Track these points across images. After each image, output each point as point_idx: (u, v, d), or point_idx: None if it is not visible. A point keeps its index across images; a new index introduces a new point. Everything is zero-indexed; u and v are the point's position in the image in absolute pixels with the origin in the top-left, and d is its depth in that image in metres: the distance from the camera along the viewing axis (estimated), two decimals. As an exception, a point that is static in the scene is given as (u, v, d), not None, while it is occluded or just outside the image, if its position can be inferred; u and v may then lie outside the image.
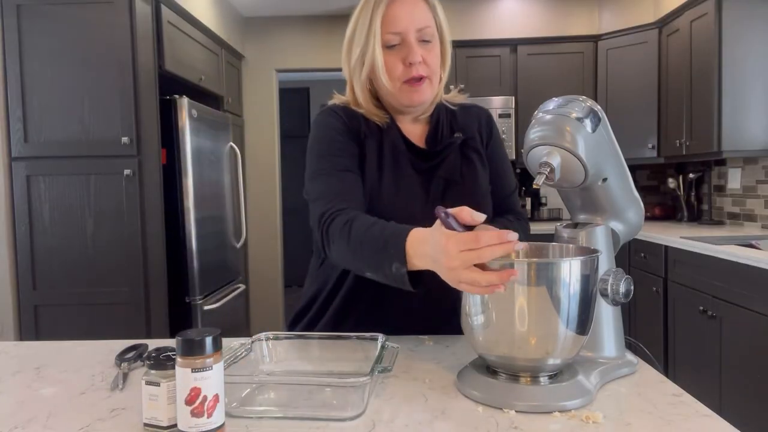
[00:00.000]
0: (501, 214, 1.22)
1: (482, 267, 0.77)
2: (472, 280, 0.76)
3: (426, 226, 0.88)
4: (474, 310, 0.82)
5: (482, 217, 0.79)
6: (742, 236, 2.88)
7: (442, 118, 1.20)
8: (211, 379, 0.69)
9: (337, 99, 1.22)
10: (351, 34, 1.13)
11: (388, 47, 1.09)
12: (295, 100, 6.46)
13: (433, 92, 1.14)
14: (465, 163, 1.18)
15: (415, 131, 1.19)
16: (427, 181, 1.14)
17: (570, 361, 0.84)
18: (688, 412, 0.77)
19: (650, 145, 3.75)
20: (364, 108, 1.16)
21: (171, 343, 0.96)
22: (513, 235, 0.75)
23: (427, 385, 0.88)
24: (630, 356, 0.95)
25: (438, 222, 0.81)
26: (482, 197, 1.17)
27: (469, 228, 0.79)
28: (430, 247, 0.83)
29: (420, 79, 1.10)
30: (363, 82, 1.13)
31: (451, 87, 1.26)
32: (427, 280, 0.90)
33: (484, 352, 0.85)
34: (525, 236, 1.19)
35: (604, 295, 0.93)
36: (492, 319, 0.81)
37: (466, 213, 0.78)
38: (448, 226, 0.78)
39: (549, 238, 0.99)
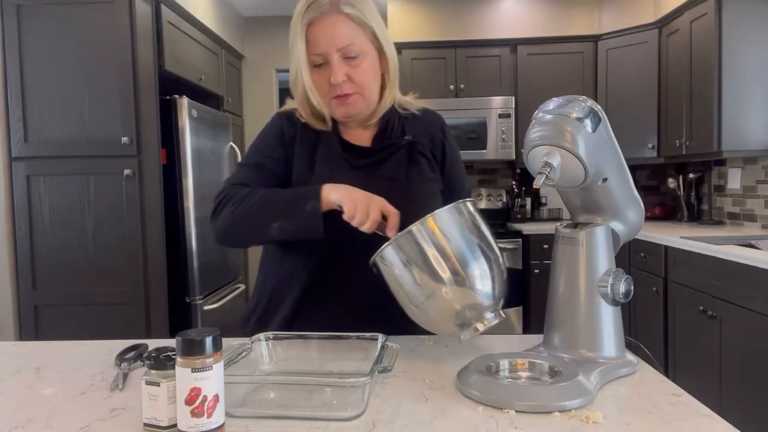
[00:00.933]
0: None
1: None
2: (367, 208, 1.00)
3: None
4: (410, 299, 0.93)
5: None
6: (742, 236, 2.88)
7: (393, 121, 1.22)
8: (211, 379, 0.69)
9: (290, 104, 1.25)
10: (289, 54, 1.15)
11: (315, 66, 1.12)
12: (295, 100, 6.45)
13: (366, 104, 1.16)
14: (412, 165, 1.19)
15: (363, 135, 1.21)
16: (366, 178, 1.15)
17: (504, 291, 0.95)
18: (688, 412, 0.77)
19: (650, 145, 3.75)
20: (305, 118, 1.19)
21: (171, 343, 0.96)
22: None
23: (427, 385, 0.88)
24: (630, 356, 0.95)
25: None
26: (426, 200, 1.18)
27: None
28: (352, 189, 1.03)
29: (346, 95, 1.13)
30: (301, 96, 1.16)
31: (409, 93, 1.29)
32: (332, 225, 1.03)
33: (442, 324, 0.94)
34: None
35: (604, 295, 0.93)
36: (424, 289, 0.91)
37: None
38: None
39: (549, 238, 1.00)
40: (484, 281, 0.92)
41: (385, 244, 0.93)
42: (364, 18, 1.12)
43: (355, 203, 1.00)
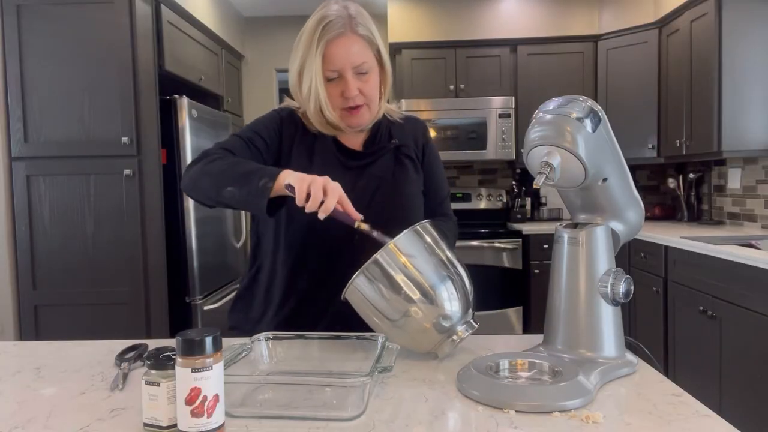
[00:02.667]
0: (434, 216, 1.34)
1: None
2: (324, 188, 0.99)
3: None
4: (383, 325, 0.96)
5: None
6: (742, 236, 2.88)
7: (382, 128, 1.32)
8: (211, 379, 0.69)
9: (289, 103, 1.33)
10: (299, 68, 1.22)
11: (328, 80, 1.20)
12: (295, 100, 6.45)
13: (371, 115, 1.26)
14: (398, 166, 1.30)
15: (356, 139, 1.31)
16: (357, 177, 1.25)
17: (470, 302, 0.99)
18: (688, 412, 0.77)
19: (650, 145, 3.75)
20: (314, 125, 1.26)
21: (171, 343, 0.96)
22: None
23: (427, 385, 0.88)
24: (630, 356, 0.95)
25: None
26: (410, 198, 1.30)
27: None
28: (310, 175, 1.02)
29: (357, 107, 1.22)
30: (314, 107, 1.23)
31: (393, 102, 1.40)
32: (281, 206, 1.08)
33: (418, 344, 0.98)
34: (453, 234, 1.35)
35: (604, 295, 0.93)
36: (394, 313, 0.94)
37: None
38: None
39: (549, 238, 1.00)
40: (451, 300, 0.96)
41: (352, 278, 0.95)
42: (373, 37, 1.22)
43: (306, 184, 0.99)
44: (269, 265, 1.28)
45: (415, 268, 0.94)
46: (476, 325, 0.99)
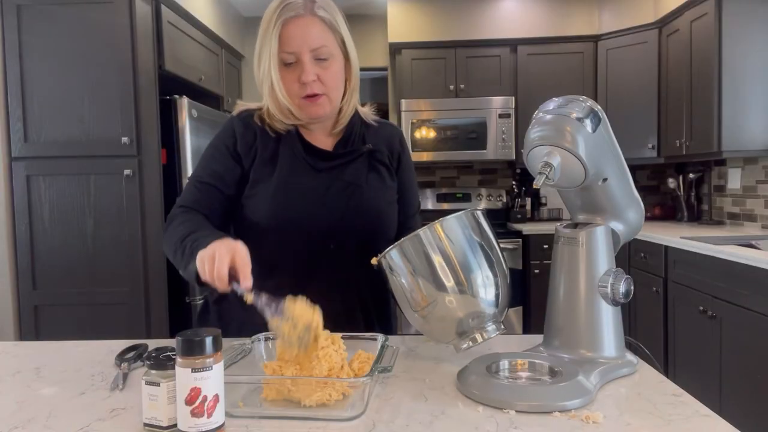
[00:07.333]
0: (404, 232, 1.27)
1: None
2: (213, 267, 0.91)
3: (323, 222, 1.12)
4: (411, 305, 0.94)
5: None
6: (742, 236, 2.87)
7: (355, 129, 1.25)
8: (211, 379, 0.69)
9: (242, 106, 1.26)
10: (258, 53, 1.16)
11: (285, 65, 1.13)
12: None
13: (332, 107, 1.18)
14: (372, 173, 1.23)
15: (326, 141, 1.24)
16: (328, 181, 1.18)
17: (507, 305, 0.97)
18: (688, 412, 0.77)
19: (650, 145, 3.75)
20: (277, 118, 1.19)
21: (171, 343, 0.96)
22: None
23: (427, 385, 0.88)
24: (630, 356, 0.95)
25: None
26: (386, 205, 1.23)
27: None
28: (213, 246, 0.94)
29: (315, 95, 1.14)
30: (268, 92, 1.17)
31: (366, 104, 1.33)
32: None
33: (442, 332, 0.95)
34: None
35: (604, 295, 0.93)
36: (427, 296, 0.92)
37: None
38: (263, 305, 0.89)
39: (549, 238, 1.00)
40: (488, 292, 0.93)
41: (390, 247, 0.93)
42: (336, 23, 1.15)
43: (203, 263, 0.93)
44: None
45: (457, 255, 0.91)
46: (503, 328, 0.97)
